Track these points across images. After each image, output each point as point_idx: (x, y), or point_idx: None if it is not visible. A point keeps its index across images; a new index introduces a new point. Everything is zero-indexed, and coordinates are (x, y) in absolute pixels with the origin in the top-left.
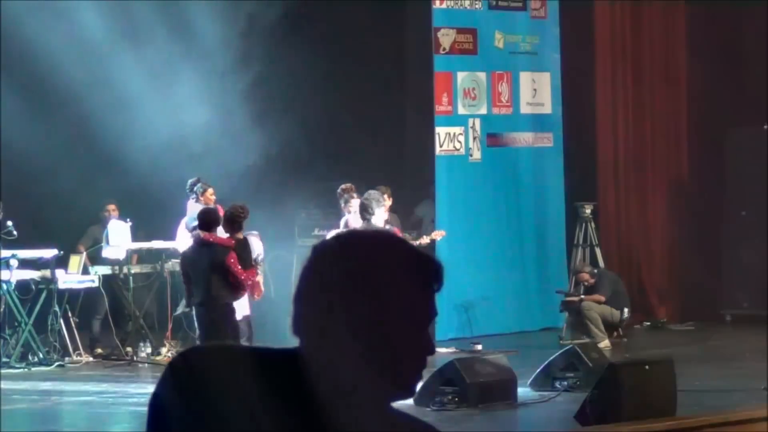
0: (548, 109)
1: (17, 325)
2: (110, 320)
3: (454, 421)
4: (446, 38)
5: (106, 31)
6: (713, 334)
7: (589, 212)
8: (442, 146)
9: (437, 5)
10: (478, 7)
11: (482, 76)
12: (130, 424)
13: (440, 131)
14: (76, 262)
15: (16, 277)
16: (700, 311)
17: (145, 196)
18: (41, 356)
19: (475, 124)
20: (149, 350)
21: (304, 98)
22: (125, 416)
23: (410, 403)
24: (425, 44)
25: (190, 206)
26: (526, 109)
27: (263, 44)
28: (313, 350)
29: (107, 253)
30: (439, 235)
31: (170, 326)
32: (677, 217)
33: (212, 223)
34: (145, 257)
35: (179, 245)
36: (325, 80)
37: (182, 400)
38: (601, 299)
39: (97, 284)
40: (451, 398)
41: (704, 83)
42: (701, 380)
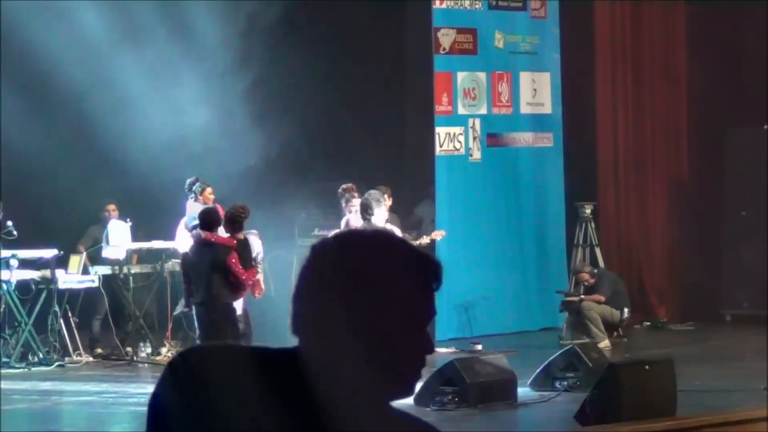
0: (548, 109)
1: (17, 325)
2: (110, 320)
3: (454, 421)
4: (446, 38)
5: (106, 31)
6: (713, 334)
7: (589, 212)
8: (442, 146)
9: (437, 5)
10: (478, 7)
11: (482, 76)
12: (130, 424)
13: (440, 131)
14: (76, 262)
15: (16, 277)
16: (700, 311)
17: (145, 196)
18: (41, 356)
19: (475, 124)
20: (149, 350)
21: (304, 98)
22: (125, 416)
23: (410, 403)
24: (425, 44)
25: (189, 206)
26: (526, 109)
27: (263, 44)
28: (312, 350)
29: (107, 253)
30: (439, 235)
31: (170, 326)
32: (677, 217)
33: (213, 222)
34: (145, 257)
35: (179, 245)
36: (325, 80)
37: (182, 399)
38: (601, 299)
39: (97, 284)
40: (451, 398)
41: (704, 83)
42: (701, 380)
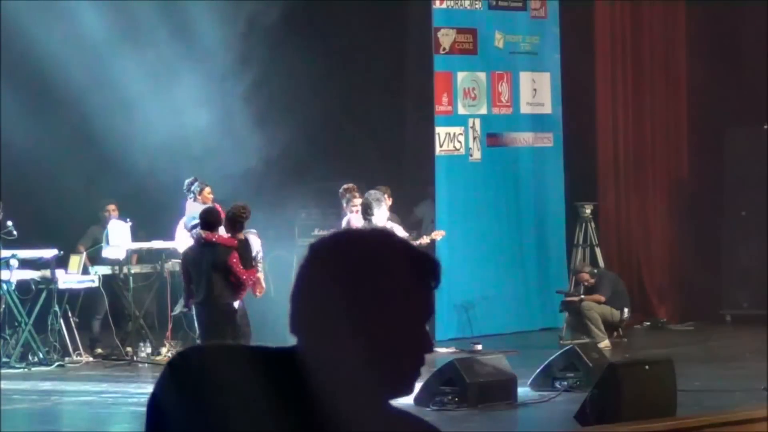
0: (548, 109)
1: (17, 325)
2: (110, 320)
3: (454, 421)
4: (446, 38)
5: (106, 32)
6: (713, 334)
7: (589, 212)
8: (442, 146)
9: (437, 5)
10: (478, 7)
11: (482, 76)
12: (130, 424)
13: (440, 131)
14: (76, 262)
15: (16, 277)
16: (700, 311)
17: (145, 196)
18: (41, 356)
19: (475, 124)
20: (149, 350)
21: (304, 98)
22: (125, 416)
23: (410, 402)
24: (425, 44)
25: (188, 206)
26: (526, 109)
27: (263, 45)
28: (311, 349)
29: (107, 253)
30: (439, 235)
31: (170, 326)
32: (677, 217)
33: (214, 222)
34: (145, 257)
35: (178, 245)
36: (325, 80)
37: (181, 399)
38: (601, 299)
39: (97, 284)
40: (451, 398)
41: (704, 83)
42: (701, 380)
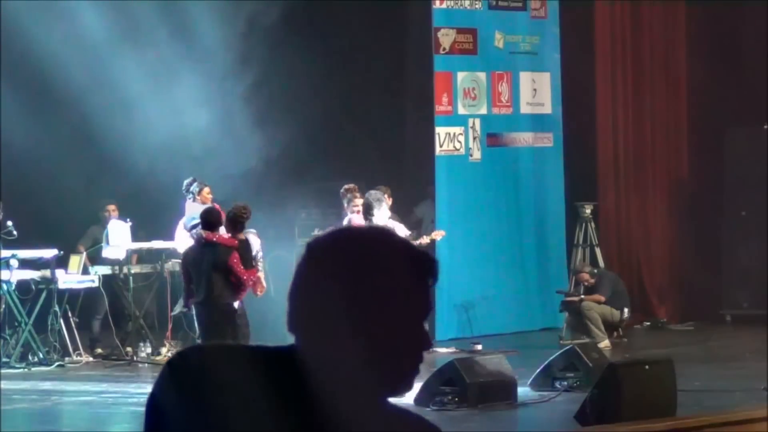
0: (548, 109)
1: (17, 325)
2: (110, 320)
3: (454, 421)
4: (446, 38)
5: (106, 32)
6: (713, 334)
7: (589, 212)
8: (442, 146)
9: (437, 5)
10: (478, 7)
11: (482, 76)
12: (130, 424)
13: (440, 131)
14: (76, 262)
15: (16, 277)
16: (700, 311)
17: (145, 196)
18: (41, 356)
19: (475, 124)
20: (149, 350)
21: (304, 98)
22: (125, 416)
23: (410, 402)
24: (425, 44)
25: (187, 207)
26: (526, 109)
27: (263, 45)
28: (309, 347)
29: (107, 253)
30: (439, 235)
31: (170, 326)
32: (677, 217)
33: (215, 222)
34: (145, 257)
35: (178, 245)
36: (325, 80)
37: (181, 399)
38: (601, 299)
39: (97, 284)
40: (451, 398)
41: (704, 83)
42: (701, 380)
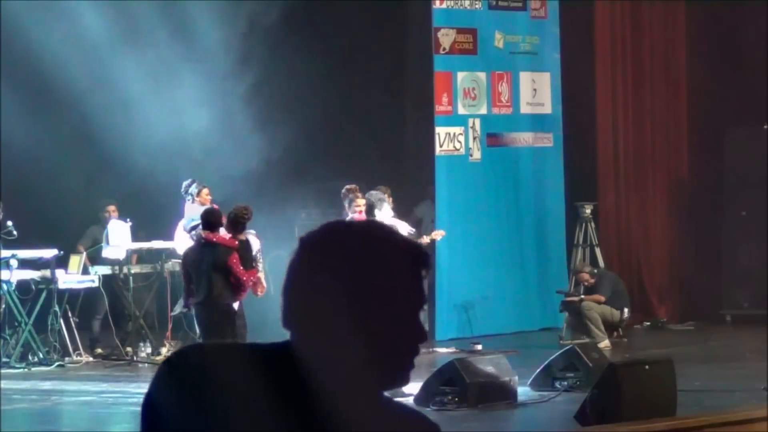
0: (548, 109)
1: (17, 325)
2: (110, 320)
3: (454, 421)
4: (446, 38)
5: (106, 32)
6: (713, 334)
7: (589, 212)
8: (442, 146)
9: (437, 5)
10: (478, 7)
11: (482, 76)
12: (130, 424)
13: (440, 131)
14: (76, 262)
15: (16, 277)
16: (700, 311)
17: (145, 196)
18: (41, 356)
19: (475, 124)
20: (149, 350)
21: (304, 99)
22: (125, 416)
23: (410, 402)
24: (425, 44)
25: (187, 208)
26: (526, 109)
27: (263, 45)
28: (304, 342)
29: (107, 253)
30: (439, 235)
31: (170, 326)
32: (677, 217)
33: (215, 223)
34: (145, 257)
35: (178, 246)
36: (325, 80)
37: (181, 396)
38: (601, 299)
39: (97, 284)
40: (451, 398)
41: (704, 83)
42: (701, 380)
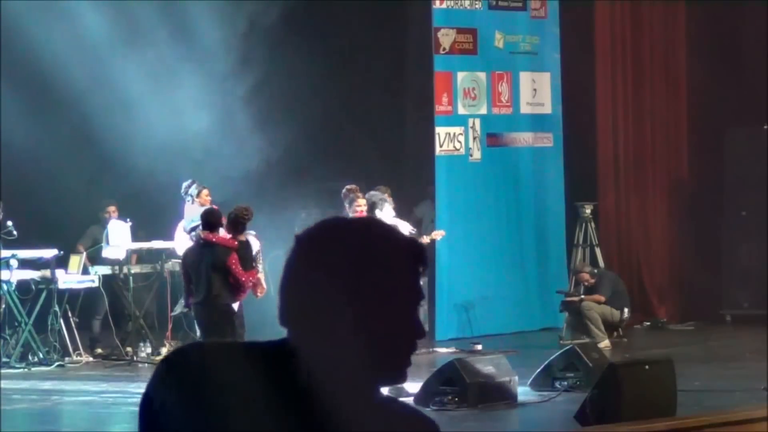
0: (548, 109)
1: (17, 325)
2: (110, 320)
3: (454, 421)
4: (446, 38)
5: (106, 32)
6: (713, 334)
7: (589, 212)
8: (442, 146)
9: (437, 5)
10: (478, 7)
11: (482, 76)
12: (129, 424)
13: (440, 131)
14: (76, 262)
15: (16, 277)
16: (700, 311)
17: (145, 196)
18: (41, 356)
19: (475, 124)
20: (149, 350)
21: (304, 99)
22: (125, 416)
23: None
24: (425, 44)
25: (186, 209)
26: (526, 109)
27: (263, 45)
28: (301, 340)
29: (107, 253)
30: (439, 235)
31: (170, 326)
32: (677, 217)
33: (215, 223)
34: (145, 257)
35: (178, 247)
36: (325, 80)
37: (181, 395)
38: (601, 299)
39: (97, 284)
40: (451, 398)
41: (704, 83)
42: (701, 380)
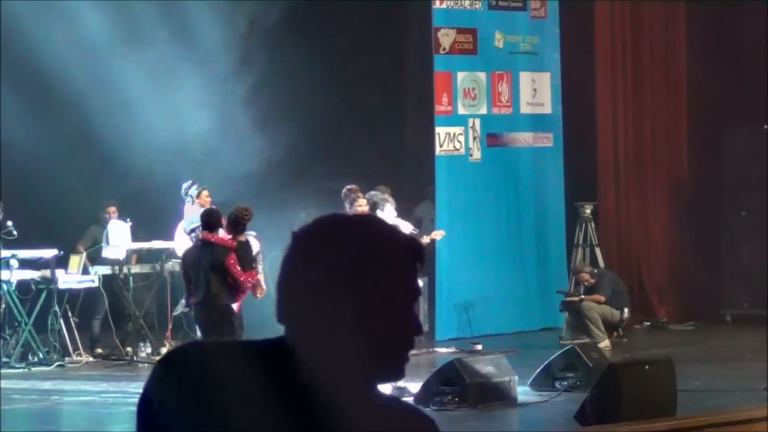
0: (548, 109)
1: (17, 325)
2: (110, 320)
3: (454, 421)
4: (446, 38)
5: (107, 32)
6: (713, 334)
7: (589, 212)
8: (442, 146)
9: (437, 5)
10: (478, 7)
11: (482, 76)
12: (129, 424)
13: (440, 131)
14: (76, 262)
15: (16, 277)
16: (700, 311)
17: (145, 196)
18: (41, 356)
19: (475, 124)
20: (149, 350)
21: (304, 99)
22: (125, 416)
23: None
24: (425, 44)
25: (186, 210)
26: (526, 109)
27: (264, 46)
28: (299, 337)
29: (107, 253)
30: (439, 235)
31: (170, 326)
32: (677, 217)
33: (215, 223)
34: (145, 257)
35: (178, 247)
36: (325, 81)
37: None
38: (601, 299)
39: (97, 284)
40: (451, 398)
41: (704, 83)
42: (701, 380)
